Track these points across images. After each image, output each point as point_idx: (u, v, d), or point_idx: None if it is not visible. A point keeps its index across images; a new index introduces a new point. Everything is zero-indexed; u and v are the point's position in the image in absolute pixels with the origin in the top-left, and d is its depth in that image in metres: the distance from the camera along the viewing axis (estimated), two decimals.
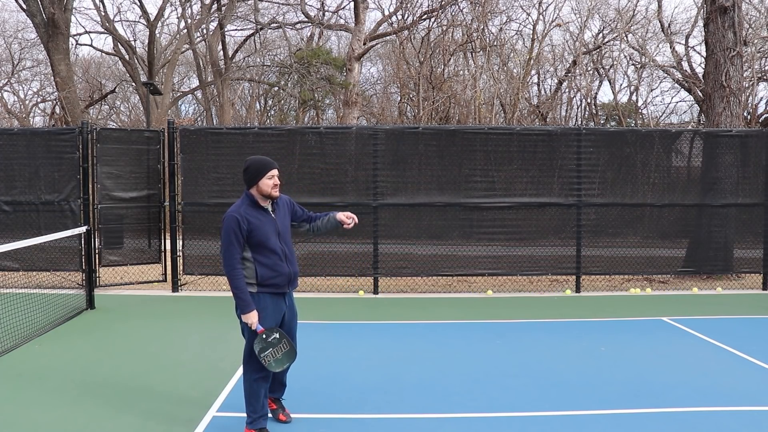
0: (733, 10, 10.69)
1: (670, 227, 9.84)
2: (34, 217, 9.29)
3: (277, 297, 3.98)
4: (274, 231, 3.94)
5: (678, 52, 19.83)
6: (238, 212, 3.88)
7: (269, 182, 3.93)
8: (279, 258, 3.93)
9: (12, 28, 28.71)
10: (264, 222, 3.92)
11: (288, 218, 4.13)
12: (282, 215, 4.06)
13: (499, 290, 9.60)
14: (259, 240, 3.87)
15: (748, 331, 6.97)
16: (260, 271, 3.88)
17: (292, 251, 4.06)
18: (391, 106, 27.42)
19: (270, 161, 3.98)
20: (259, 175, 3.92)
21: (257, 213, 3.93)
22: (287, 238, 4.05)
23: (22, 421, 4.27)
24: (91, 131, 9.27)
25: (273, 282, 3.91)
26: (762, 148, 9.78)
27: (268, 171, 3.93)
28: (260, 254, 3.89)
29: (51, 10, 15.73)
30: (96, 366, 5.58)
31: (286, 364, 3.87)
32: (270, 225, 3.94)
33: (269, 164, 3.96)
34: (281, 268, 3.93)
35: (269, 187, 3.93)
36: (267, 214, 3.97)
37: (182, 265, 9.36)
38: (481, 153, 9.55)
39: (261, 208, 3.96)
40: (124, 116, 34.30)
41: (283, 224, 4.05)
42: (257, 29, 23.59)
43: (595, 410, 4.51)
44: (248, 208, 3.93)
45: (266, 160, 3.97)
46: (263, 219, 3.93)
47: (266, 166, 3.94)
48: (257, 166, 3.94)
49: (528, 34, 23.53)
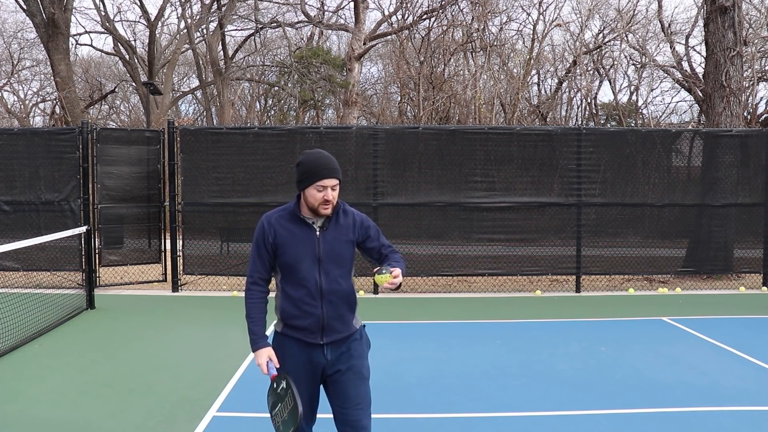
0: (733, 10, 10.69)
1: (670, 227, 9.84)
2: (34, 217, 9.29)
3: (307, 347, 2.83)
4: (310, 255, 2.79)
5: (678, 52, 19.83)
6: (269, 218, 2.87)
7: (317, 195, 2.75)
8: (309, 293, 2.79)
9: (12, 28, 28.73)
10: (298, 238, 2.81)
11: (348, 245, 2.87)
12: (337, 237, 2.84)
13: (499, 290, 9.60)
14: (287, 262, 2.81)
15: (748, 331, 6.97)
16: (282, 304, 2.87)
17: (338, 289, 2.82)
18: (391, 106, 27.42)
19: (327, 166, 2.78)
20: (307, 181, 2.77)
21: (294, 225, 2.82)
22: (332, 269, 2.81)
23: (22, 421, 4.27)
24: (91, 131, 9.27)
25: (296, 324, 2.82)
26: (762, 148, 9.78)
27: (318, 179, 2.74)
28: (287, 282, 2.84)
29: (51, 10, 15.73)
30: (96, 366, 5.58)
31: (291, 427, 2.65)
32: (307, 245, 2.80)
33: (323, 170, 2.76)
34: (310, 308, 2.79)
35: (316, 200, 2.76)
36: (308, 230, 2.82)
37: (182, 265, 9.37)
38: (481, 153, 9.54)
39: (301, 220, 2.83)
40: (124, 116, 34.32)
41: (333, 249, 2.82)
42: (257, 29, 23.59)
43: (595, 410, 4.51)
44: (286, 216, 2.86)
45: (322, 162, 2.78)
46: (299, 234, 2.81)
47: (318, 172, 2.75)
48: (308, 167, 2.78)
49: (528, 34, 23.55)
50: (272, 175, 9.38)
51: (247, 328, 2.88)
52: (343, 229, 2.88)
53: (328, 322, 2.81)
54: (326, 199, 2.76)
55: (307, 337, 2.83)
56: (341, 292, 2.84)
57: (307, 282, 2.79)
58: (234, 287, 9.50)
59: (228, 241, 9.75)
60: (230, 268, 9.48)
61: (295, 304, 2.82)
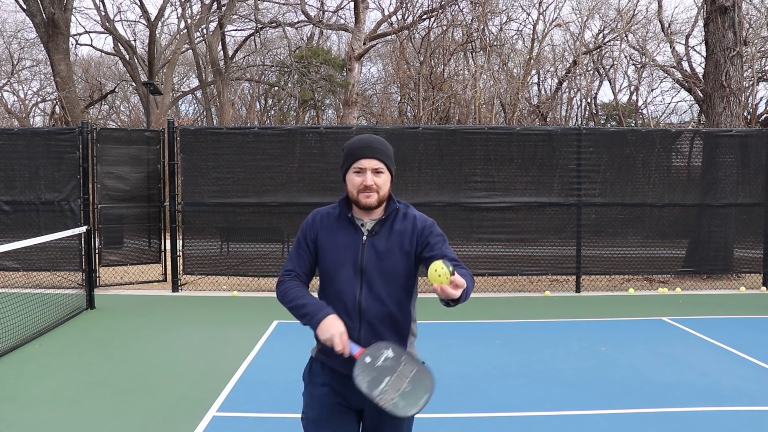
0: (733, 10, 10.69)
1: (670, 227, 9.84)
2: (34, 217, 9.29)
3: (341, 381, 2.31)
4: (351, 263, 2.31)
5: (678, 52, 19.83)
6: (316, 214, 2.43)
7: (356, 180, 2.30)
8: (345, 310, 2.28)
9: (12, 28, 28.73)
10: (341, 241, 2.34)
11: (402, 257, 2.32)
12: (389, 246, 2.32)
13: (499, 290, 9.60)
14: (326, 268, 2.36)
15: (748, 331, 6.97)
16: None
17: (381, 309, 2.30)
18: (391, 106, 27.42)
19: (367, 144, 2.33)
20: (345, 165, 2.36)
21: (339, 225, 2.36)
22: (377, 284, 2.30)
23: (22, 421, 4.27)
24: (91, 131, 9.27)
25: (328, 348, 2.25)
26: (762, 148, 9.78)
27: (354, 160, 2.31)
28: (325, 295, 2.37)
29: (51, 10, 15.73)
30: (96, 366, 5.58)
31: (424, 396, 2.22)
32: (349, 251, 2.31)
33: (360, 149, 2.32)
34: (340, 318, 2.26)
35: (355, 187, 2.30)
36: (354, 232, 2.34)
37: (182, 265, 9.37)
38: (481, 153, 9.54)
39: (348, 221, 2.36)
40: (124, 116, 34.33)
41: (380, 260, 2.30)
42: (257, 29, 23.59)
43: (595, 410, 4.51)
44: (334, 213, 2.40)
45: (361, 142, 2.34)
46: (342, 237, 2.34)
47: (354, 152, 2.32)
48: (346, 149, 2.37)
49: (528, 34, 23.57)
50: (272, 175, 9.38)
51: (298, 312, 2.28)
52: (398, 236, 2.32)
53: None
54: (366, 185, 2.27)
55: (341, 366, 2.27)
56: (385, 314, 2.29)
57: (344, 296, 2.29)
58: (234, 287, 9.50)
59: (228, 241, 9.75)
60: (230, 268, 9.48)
61: None
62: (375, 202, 2.31)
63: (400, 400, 2.14)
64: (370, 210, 2.33)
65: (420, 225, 2.35)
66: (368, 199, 2.29)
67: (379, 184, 2.30)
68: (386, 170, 2.33)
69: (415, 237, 2.33)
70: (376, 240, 2.32)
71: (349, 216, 2.35)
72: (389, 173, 2.35)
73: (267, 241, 9.61)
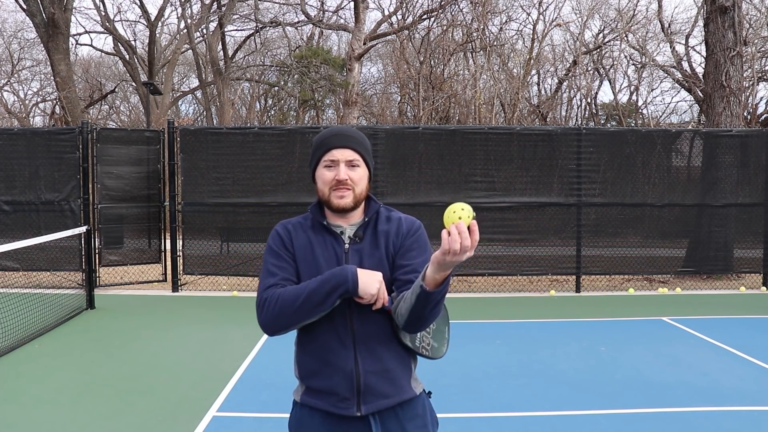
0: (733, 10, 10.70)
1: (670, 227, 9.84)
2: (34, 217, 9.29)
3: (337, 424, 1.90)
4: None
5: (678, 52, 19.83)
6: (284, 225, 1.99)
7: (327, 176, 1.91)
8: (336, 336, 1.88)
9: (12, 28, 28.75)
10: (319, 254, 1.91)
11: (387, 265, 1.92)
12: (373, 253, 1.92)
13: (499, 290, 9.60)
14: None
15: (748, 331, 6.97)
16: (299, 357, 1.96)
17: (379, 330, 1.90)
18: (391, 106, 27.42)
19: (338, 133, 1.94)
20: (314, 158, 1.97)
21: (316, 235, 1.95)
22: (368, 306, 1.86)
23: (22, 421, 4.27)
24: (91, 131, 9.27)
25: (319, 387, 1.90)
26: (762, 148, 9.78)
27: (325, 150, 1.92)
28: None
29: (51, 10, 15.73)
30: (96, 366, 5.58)
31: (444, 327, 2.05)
32: (331, 264, 1.90)
33: (331, 138, 1.93)
34: (336, 358, 1.87)
35: (326, 183, 1.91)
36: (333, 241, 1.94)
37: (182, 265, 9.37)
38: (481, 153, 9.54)
39: (325, 228, 1.95)
40: (124, 116, 34.34)
41: (364, 267, 1.89)
42: (257, 29, 23.60)
43: (595, 410, 4.51)
44: (304, 224, 1.98)
45: (332, 131, 1.96)
46: (321, 248, 1.92)
47: (325, 141, 1.93)
48: (315, 141, 1.98)
49: (528, 33, 23.57)
50: (272, 175, 9.38)
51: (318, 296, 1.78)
52: (384, 239, 1.93)
53: (366, 380, 1.86)
54: (338, 179, 1.88)
55: (335, 406, 1.87)
56: (385, 334, 1.89)
57: (331, 318, 1.85)
58: (234, 287, 9.50)
59: (228, 241, 9.75)
60: (230, 268, 9.48)
61: (315, 353, 1.89)
62: (350, 203, 1.90)
63: (434, 341, 2.01)
64: (345, 213, 1.93)
65: (405, 228, 1.96)
66: (342, 199, 1.89)
67: (354, 180, 1.90)
68: (363, 163, 1.94)
69: (399, 240, 1.94)
70: (361, 248, 1.92)
71: (324, 223, 1.94)
72: (366, 168, 1.96)
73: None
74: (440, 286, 1.65)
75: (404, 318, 1.77)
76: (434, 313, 1.74)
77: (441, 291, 1.66)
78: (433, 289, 1.64)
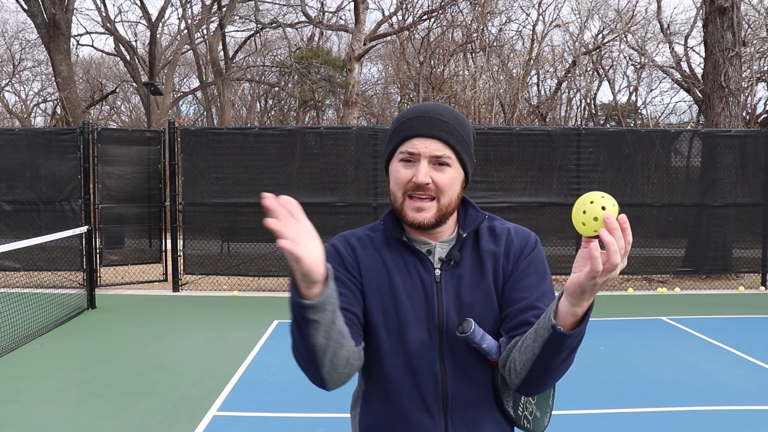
0: (731, 11, 10.71)
1: (670, 227, 9.86)
2: (35, 217, 9.31)
3: None
4: (424, 317, 1.37)
5: (677, 52, 19.86)
6: (348, 238, 1.47)
7: (401, 173, 1.39)
8: (420, 402, 1.37)
9: (13, 29, 28.78)
10: (398, 282, 1.39)
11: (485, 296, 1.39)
12: (481, 280, 1.40)
13: None
14: (375, 324, 1.39)
15: (747, 331, 6.98)
16: (365, 418, 1.44)
17: (479, 395, 1.39)
18: (391, 107, 27.44)
19: (422, 112, 1.39)
20: (388, 146, 1.46)
21: (393, 254, 1.42)
22: (472, 349, 1.36)
23: (22, 421, 4.28)
24: (92, 131, 9.29)
25: None
26: (761, 149, 9.80)
27: (402, 137, 1.39)
28: (373, 366, 1.41)
29: (52, 11, 15.75)
30: (96, 366, 5.59)
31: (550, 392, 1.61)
32: (415, 297, 1.38)
33: (413, 119, 1.38)
34: (410, 416, 1.37)
35: (398, 183, 1.39)
36: (418, 265, 1.41)
37: (183, 265, 9.38)
38: (480, 153, 9.54)
39: (406, 247, 1.42)
40: (124, 116, 34.37)
41: (470, 307, 1.38)
42: (258, 29, 23.63)
43: (594, 410, 4.52)
44: (375, 238, 1.47)
45: (415, 110, 1.41)
46: (401, 273, 1.40)
47: (403, 125, 1.40)
48: (394, 122, 1.45)
49: (528, 34, 23.59)
50: (272, 175, 9.39)
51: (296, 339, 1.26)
52: (489, 264, 1.40)
53: None
54: (416, 183, 1.34)
55: None
56: (487, 400, 1.40)
57: (415, 374, 1.37)
58: (234, 287, 9.52)
59: (228, 241, 9.77)
60: (231, 268, 9.50)
61: (387, 420, 1.39)
62: (431, 219, 1.36)
63: (537, 409, 1.53)
64: (427, 230, 1.39)
65: (518, 243, 1.43)
66: (419, 213, 1.35)
67: (440, 185, 1.35)
68: (456, 161, 1.37)
69: (511, 262, 1.41)
70: (459, 273, 1.38)
71: (404, 239, 1.41)
72: (462, 168, 1.39)
73: (267, 240, 9.60)
74: (580, 325, 1.20)
75: (522, 375, 1.29)
76: (565, 366, 1.32)
77: (580, 332, 1.21)
78: (571, 329, 1.19)
